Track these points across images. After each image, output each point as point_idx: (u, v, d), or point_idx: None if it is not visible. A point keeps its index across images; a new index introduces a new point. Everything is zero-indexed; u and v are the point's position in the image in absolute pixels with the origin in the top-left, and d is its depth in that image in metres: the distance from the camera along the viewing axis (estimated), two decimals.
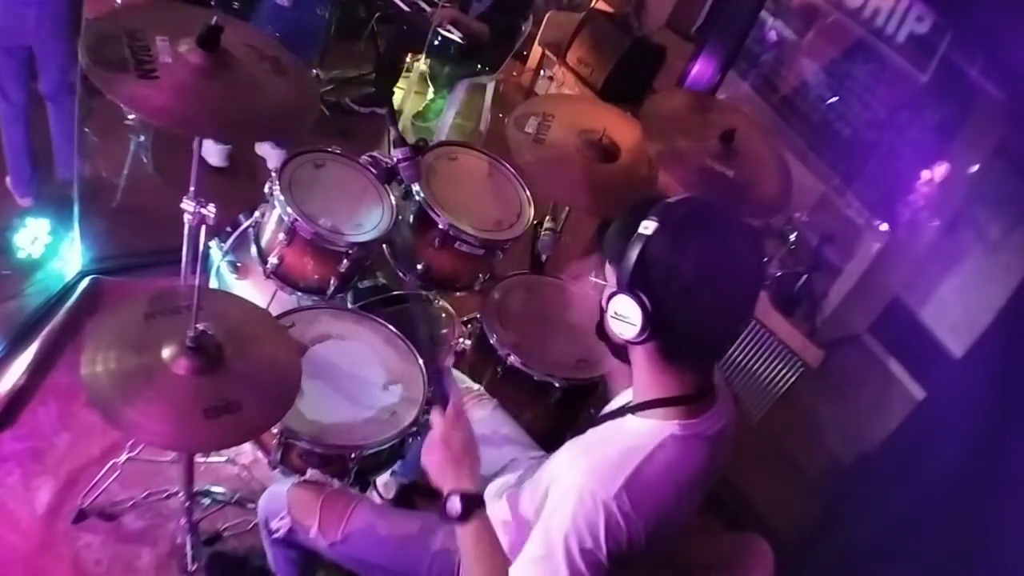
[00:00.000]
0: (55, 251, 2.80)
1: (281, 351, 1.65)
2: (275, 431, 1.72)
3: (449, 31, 3.86)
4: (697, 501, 1.32)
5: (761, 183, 2.04)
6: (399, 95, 4.30)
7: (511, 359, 2.00)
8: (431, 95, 4.30)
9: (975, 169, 2.68)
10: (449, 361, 2.17)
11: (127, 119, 3.05)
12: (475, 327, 2.16)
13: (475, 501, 1.31)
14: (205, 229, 1.68)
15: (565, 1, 5.38)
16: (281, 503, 1.67)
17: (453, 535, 1.36)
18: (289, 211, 1.93)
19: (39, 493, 2.15)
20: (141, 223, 2.89)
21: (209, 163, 3.46)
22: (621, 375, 1.47)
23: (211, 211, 1.67)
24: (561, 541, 1.16)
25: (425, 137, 2.66)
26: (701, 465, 1.27)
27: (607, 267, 1.27)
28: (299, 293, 2.09)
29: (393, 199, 2.14)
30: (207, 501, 2.18)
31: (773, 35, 3.30)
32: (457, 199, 2.15)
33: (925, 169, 2.79)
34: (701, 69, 2.97)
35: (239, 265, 2.30)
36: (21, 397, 2.34)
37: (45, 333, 2.49)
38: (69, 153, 2.93)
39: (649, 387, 1.28)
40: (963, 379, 2.41)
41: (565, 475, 1.23)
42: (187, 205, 1.68)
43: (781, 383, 3.01)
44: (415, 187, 2.08)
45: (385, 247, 2.17)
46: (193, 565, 1.97)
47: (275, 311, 1.93)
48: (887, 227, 2.93)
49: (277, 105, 1.59)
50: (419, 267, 2.16)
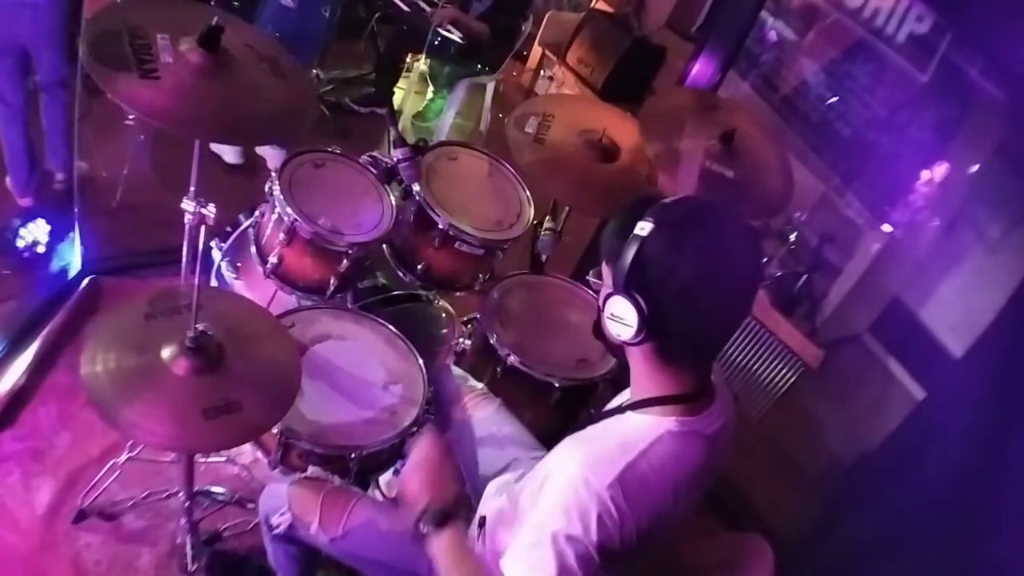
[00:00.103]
0: (55, 251, 2.79)
1: (281, 351, 1.65)
2: (275, 431, 1.72)
3: (449, 31, 3.86)
4: (695, 500, 1.31)
5: (762, 183, 2.04)
6: (399, 95, 4.30)
7: (511, 359, 2.00)
8: (431, 95, 4.30)
9: (975, 169, 2.67)
10: (449, 360, 2.17)
11: (127, 119, 3.04)
12: (475, 327, 2.16)
13: (448, 514, 1.35)
14: (205, 229, 1.68)
15: (565, 1, 5.38)
16: (282, 499, 1.67)
17: None
18: (289, 211, 1.93)
19: (39, 493, 2.15)
20: (141, 223, 2.90)
21: (225, 160, 3.48)
22: None
23: (211, 211, 1.67)
24: (551, 530, 1.15)
25: (425, 137, 2.66)
26: (699, 462, 1.27)
27: (603, 266, 1.27)
28: (299, 293, 2.09)
29: (393, 199, 2.14)
30: (207, 501, 2.18)
31: (773, 35, 3.29)
32: (457, 199, 2.15)
33: (925, 169, 2.78)
34: (701, 69, 2.96)
35: (239, 265, 2.30)
36: (21, 397, 2.34)
37: (45, 333, 2.49)
38: (59, 146, 2.94)
39: (647, 386, 1.28)
40: (963, 379, 2.41)
41: (561, 467, 1.23)
42: (187, 205, 1.68)
43: (781, 383, 3.01)
44: (415, 187, 2.08)
45: (385, 247, 2.17)
46: (193, 565, 1.97)
47: (275, 311, 1.93)
48: (887, 227, 2.93)
49: (276, 107, 1.59)
50: (419, 267, 2.16)
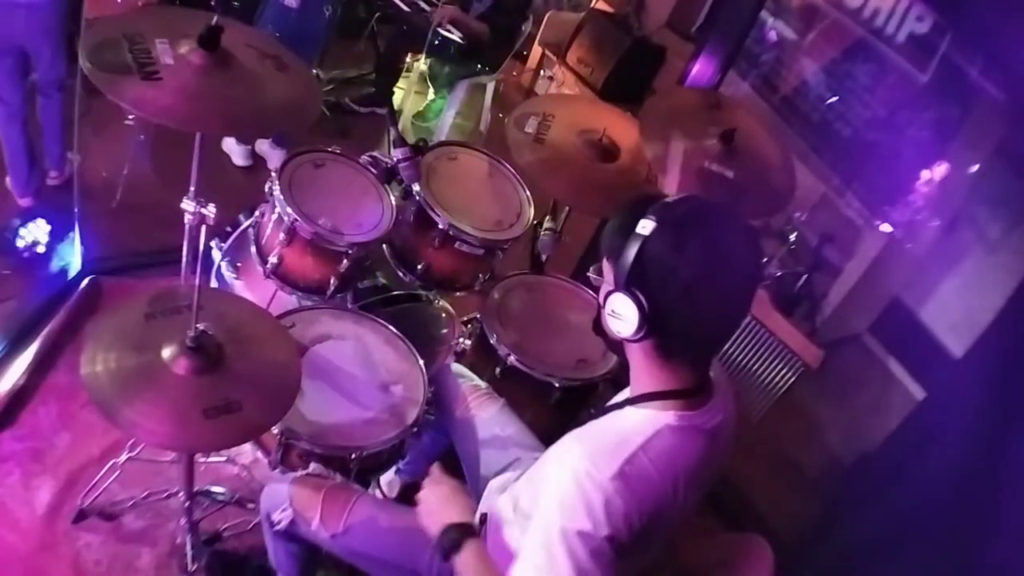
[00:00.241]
0: (55, 251, 2.80)
1: (281, 351, 1.65)
2: (275, 431, 1.72)
3: (449, 31, 3.86)
4: (695, 496, 1.31)
5: (763, 182, 2.04)
6: (399, 95, 4.30)
7: (511, 359, 2.00)
8: (431, 95, 4.30)
9: (975, 169, 2.67)
10: (450, 360, 2.17)
11: (127, 119, 3.05)
12: (475, 327, 2.16)
13: (466, 529, 1.36)
14: (205, 229, 1.68)
15: (565, 1, 5.38)
16: (283, 496, 1.68)
17: None
18: (289, 211, 1.93)
19: (39, 493, 2.15)
20: (141, 223, 2.90)
21: (234, 162, 3.49)
22: None
23: (211, 211, 1.67)
24: (558, 527, 1.15)
25: (425, 137, 2.66)
26: (698, 456, 1.27)
27: (604, 263, 1.27)
28: (299, 293, 2.09)
29: (393, 199, 2.14)
30: (207, 501, 2.18)
31: (773, 35, 3.29)
32: (457, 199, 2.15)
33: (925, 169, 2.78)
34: (701, 69, 2.96)
35: (239, 265, 2.30)
36: (21, 397, 2.34)
37: (45, 333, 2.49)
38: (54, 145, 2.95)
39: (646, 381, 1.28)
40: (963, 379, 2.40)
41: (562, 463, 1.22)
42: (187, 205, 1.68)
43: (781, 383, 3.01)
44: (415, 187, 2.08)
45: (385, 247, 2.17)
46: (193, 565, 1.97)
47: (275, 311, 1.93)
48: (887, 227, 2.93)
49: (281, 99, 1.60)
50: (419, 267, 2.16)
